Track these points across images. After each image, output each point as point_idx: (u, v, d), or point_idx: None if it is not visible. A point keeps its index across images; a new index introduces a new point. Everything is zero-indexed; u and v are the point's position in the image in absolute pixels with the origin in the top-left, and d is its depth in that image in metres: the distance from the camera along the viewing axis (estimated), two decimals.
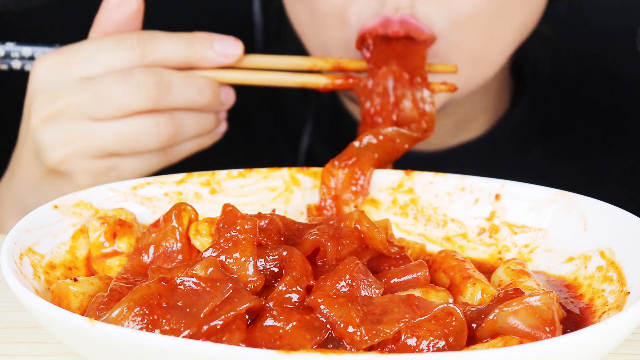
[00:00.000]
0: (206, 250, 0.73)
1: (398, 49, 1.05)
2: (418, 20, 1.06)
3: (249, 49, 1.08)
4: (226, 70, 1.05)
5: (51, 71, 1.01)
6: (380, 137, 0.97)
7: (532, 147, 1.36)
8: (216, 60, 1.03)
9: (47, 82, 1.01)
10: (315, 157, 1.39)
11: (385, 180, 0.95)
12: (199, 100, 1.03)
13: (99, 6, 1.06)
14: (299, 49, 1.26)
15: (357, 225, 0.79)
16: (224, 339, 0.65)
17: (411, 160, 1.27)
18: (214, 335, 0.65)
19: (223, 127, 1.11)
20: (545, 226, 0.87)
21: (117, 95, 0.99)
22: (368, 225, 0.78)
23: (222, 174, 0.94)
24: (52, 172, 1.04)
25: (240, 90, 1.09)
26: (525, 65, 1.36)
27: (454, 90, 1.04)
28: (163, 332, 0.65)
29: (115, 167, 1.03)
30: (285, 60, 1.06)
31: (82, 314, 0.72)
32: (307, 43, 1.20)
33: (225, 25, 1.42)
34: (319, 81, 1.04)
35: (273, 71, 1.05)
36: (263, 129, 1.44)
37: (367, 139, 0.96)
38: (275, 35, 1.46)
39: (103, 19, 1.04)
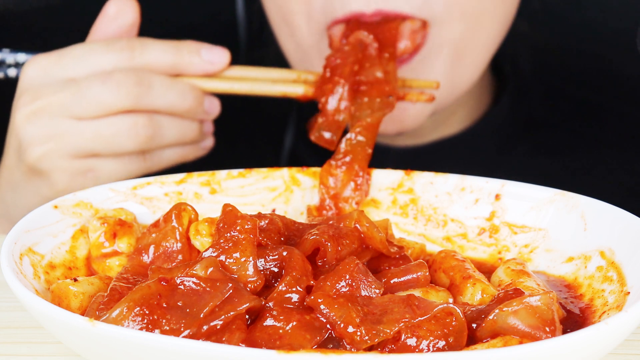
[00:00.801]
0: (206, 250, 0.73)
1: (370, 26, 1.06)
2: (390, 9, 1.07)
3: (233, 52, 1.08)
4: (211, 79, 1.06)
5: (40, 71, 1.02)
6: (368, 128, 0.97)
7: (516, 144, 1.36)
8: (202, 67, 1.04)
9: (34, 81, 1.02)
10: (298, 158, 1.38)
11: (385, 180, 0.95)
12: (180, 104, 1.03)
13: (99, 7, 1.07)
14: (281, 53, 1.26)
15: (357, 225, 0.79)
16: (224, 339, 0.65)
17: (389, 155, 1.28)
18: (214, 335, 0.65)
19: (209, 141, 1.11)
20: (545, 226, 0.87)
21: (97, 93, 1.00)
22: (368, 224, 0.78)
23: (222, 174, 0.94)
24: (31, 172, 1.05)
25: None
26: (504, 62, 1.36)
27: (432, 100, 1.04)
28: (163, 332, 0.65)
29: (93, 168, 1.03)
30: (272, 74, 1.07)
31: (82, 314, 0.72)
32: (283, 45, 1.20)
33: (211, 28, 1.42)
34: (297, 90, 1.05)
35: (255, 80, 1.06)
36: (245, 131, 1.43)
37: (359, 136, 0.96)
38: (258, 37, 1.46)
39: (99, 31, 1.06)
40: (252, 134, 1.44)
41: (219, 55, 1.05)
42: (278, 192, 0.95)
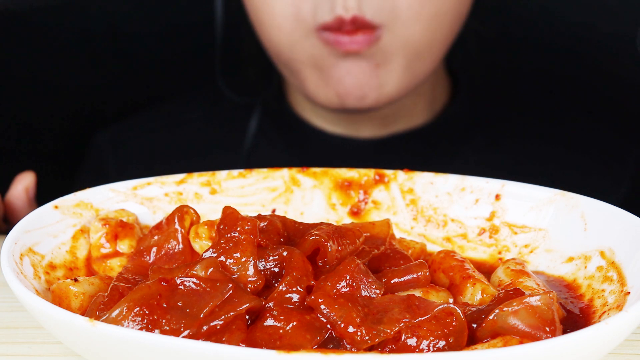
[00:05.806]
0: (206, 250, 0.73)
1: None
2: (365, 18, 1.18)
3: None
4: None
5: None
6: None
7: (471, 137, 1.43)
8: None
9: None
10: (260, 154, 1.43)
11: None
12: None
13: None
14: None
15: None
16: (224, 339, 0.65)
17: (355, 146, 1.35)
18: (214, 336, 0.65)
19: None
20: (545, 226, 0.87)
21: None
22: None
23: (222, 174, 0.94)
24: None
25: None
26: (454, 59, 1.45)
27: None
28: (163, 332, 0.65)
29: None
30: None
31: (83, 314, 0.72)
32: (267, 42, 1.27)
33: (187, 29, 1.48)
34: None
35: None
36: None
37: None
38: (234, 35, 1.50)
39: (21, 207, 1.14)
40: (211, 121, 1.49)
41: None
42: (278, 192, 0.95)
